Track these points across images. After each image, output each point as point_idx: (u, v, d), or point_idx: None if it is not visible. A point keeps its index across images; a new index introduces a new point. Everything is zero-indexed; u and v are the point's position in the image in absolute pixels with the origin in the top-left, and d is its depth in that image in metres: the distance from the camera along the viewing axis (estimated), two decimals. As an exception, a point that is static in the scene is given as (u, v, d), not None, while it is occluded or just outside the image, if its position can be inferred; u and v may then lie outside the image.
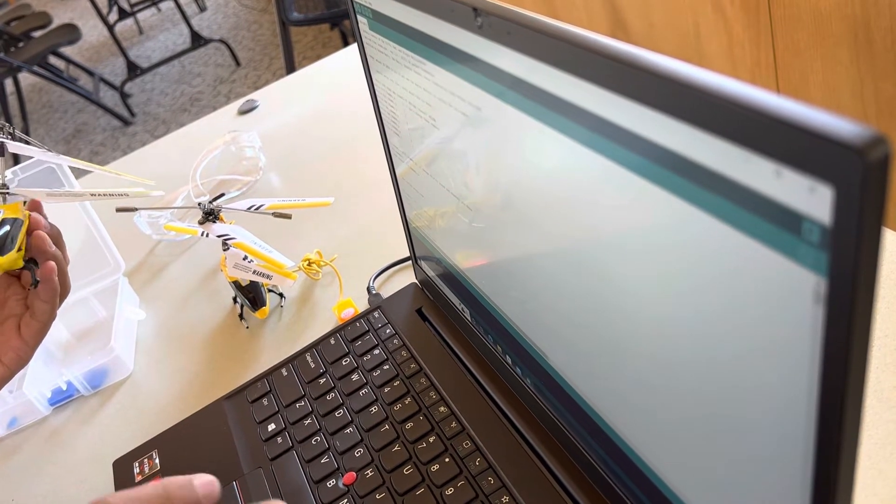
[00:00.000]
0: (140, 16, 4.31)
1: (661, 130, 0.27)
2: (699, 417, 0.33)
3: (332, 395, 0.61)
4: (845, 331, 0.23)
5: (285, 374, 0.64)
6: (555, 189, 0.37)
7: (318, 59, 1.25)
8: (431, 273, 0.64)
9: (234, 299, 0.77)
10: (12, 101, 3.70)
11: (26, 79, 4.06)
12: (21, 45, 3.33)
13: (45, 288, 0.54)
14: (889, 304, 0.53)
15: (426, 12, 0.43)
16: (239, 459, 0.59)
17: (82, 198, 0.57)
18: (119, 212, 0.69)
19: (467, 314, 0.59)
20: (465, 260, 0.54)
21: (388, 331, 0.64)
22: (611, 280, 0.35)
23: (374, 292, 0.71)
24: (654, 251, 0.31)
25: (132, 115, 3.48)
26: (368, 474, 0.53)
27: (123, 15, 3.88)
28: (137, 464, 0.62)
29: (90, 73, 3.74)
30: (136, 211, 0.87)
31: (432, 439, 0.54)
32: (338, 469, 0.55)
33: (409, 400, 0.57)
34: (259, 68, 3.44)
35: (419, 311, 0.66)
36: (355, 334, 0.65)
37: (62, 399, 0.72)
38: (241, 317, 0.75)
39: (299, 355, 0.66)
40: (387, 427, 0.56)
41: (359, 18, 0.53)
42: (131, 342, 0.76)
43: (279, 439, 0.59)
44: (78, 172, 0.90)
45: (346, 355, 0.64)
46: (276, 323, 0.73)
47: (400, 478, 0.52)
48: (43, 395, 0.71)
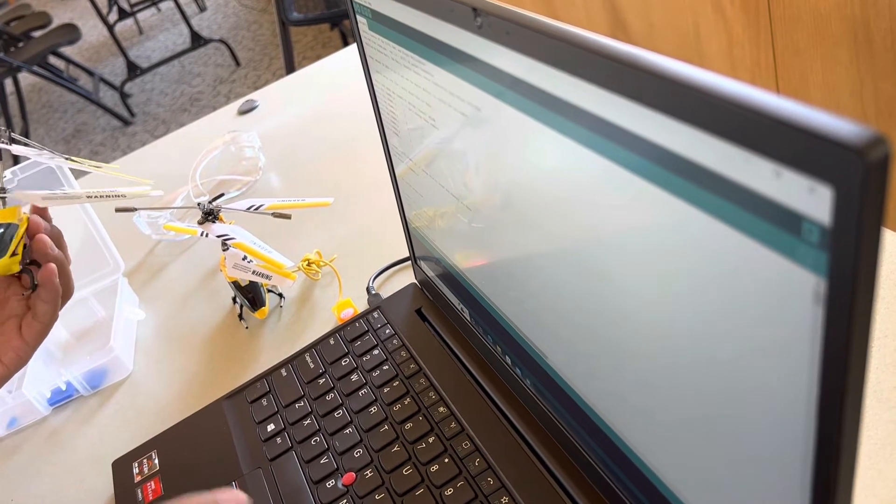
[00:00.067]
0: (140, 16, 4.31)
1: (660, 131, 0.27)
2: (698, 418, 0.33)
3: (331, 395, 0.61)
4: (845, 331, 0.23)
5: (285, 374, 0.64)
6: (554, 189, 0.37)
7: (318, 59, 1.25)
8: (431, 273, 0.64)
9: (234, 299, 0.77)
10: (12, 101, 3.70)
11: (26, 79, 4.06)
12: (21, 45, 3.33)
13: (47, 289, 0.54)
14: (889, 305, 0.53)
15: (426, 12, 0.43)
16: (238, 460, 0.58)
17: (79, 200, 0.57)
18: (118, 212, 0.69)
19: (467, 314, 0.59)
20: (464, 260, 0.54)
21: (387, 331, 0.64)
22: (610, 280, 0.35)
23: (374, 292, 0.71)
24: (653, 252, 0.31)
25: (132, 115, 3.48)
26: (368, 475, 0.53)
27: (123, 15, 3.88)
28: (137, 464, 0.62)
29: (90, 73, 3.74)
30: (136, 211, 0.87)
31: (432, 440, 0.54)
32: (337, 469, 0.55)
33: (408, 400, 0.57)
34: (259, 68, 3.44)
35: (419, 312, 0.66)
36: (355, 334, 0.65)
37: (61, 399, 0.72)
38: (240, 317, 0.75)
39: (299, 355, 0.66)
40: (386, 427, 0.56)
41: (358, 18, 0.53)
42: (131, 342, 0.76)
43: (278, 440, 0.59)
44: (78, 172, 0.90)
45: (345, 355, 0.64)
46: (275, 323, 0.73)
47: (399, 478, 0.52)
48: (42, 395, 0.71)
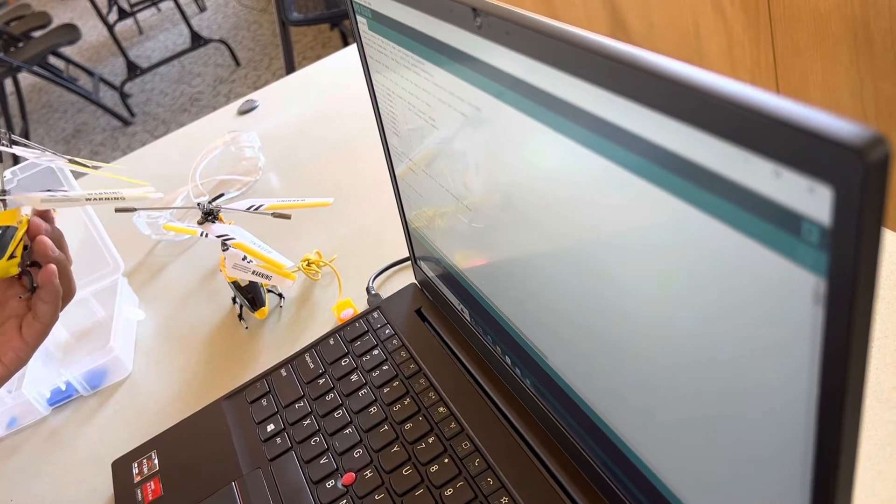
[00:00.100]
0: (140, 16, 4.31)
1: (660, 131, 0.27)
2: (698, 418, 0.33)
3: (331, 395, 0.61)
4: (845, 332, 0.23)
5: (284, 374, 0.64)
6: (554, 189, 0.37)
7: (318, 59, 1.25)
8: (431, 273, 0.64)
9: (234, 300, 0.77)
10: (12, 101, 3.70)
11: (26, 79, 4.06)
12: (21, 45, 3.33)
13: (47, 290, 0.54)
14: (889, 305, 0.53)
15: (425, 12, 0.43)
16: (238, 460, 0.58)
17: (79, 203, 0.57)
18: (118, 212, 0.69)
19: (466, 314, 0.59)
20: (464, 260, 0.54)
21: (387, 331, 0.64)
22: (610, 280, 0.35)
23: (374, 293, 0.71)
24: (653, 252, 0.31)
25: (132, 115, 3.48)
26: (367, 475, 0.53)
27: (123, 15, 3.88)
28: (136, 464, 0.62)
29: (90, 73, 3.74)
30: (136, 211, 0.87)
31: (431, 440, 0.54)
32: (337, 470, 0.55)
33: (408, 400, 0.57)
34: (259, 68, 3.44)
35: (418, 312, 0.66)
36: (354, 335, 0.65)
37: (61, 399, 0.72)
38: (240, 317, 0.75)
39: (298, 356, 0.66)
40: (386, 427, 0.56)
41: (358, 18, 0.53)
42: (130, 342, 0.76)
43: (278, 440, 0.59)
44: (78, 173, 0.90)
45: (345, 356, 0.64)
46: (275, 323, 0.73)
47: (399, 478, 0.52)
48: (42, 395, 0.71)
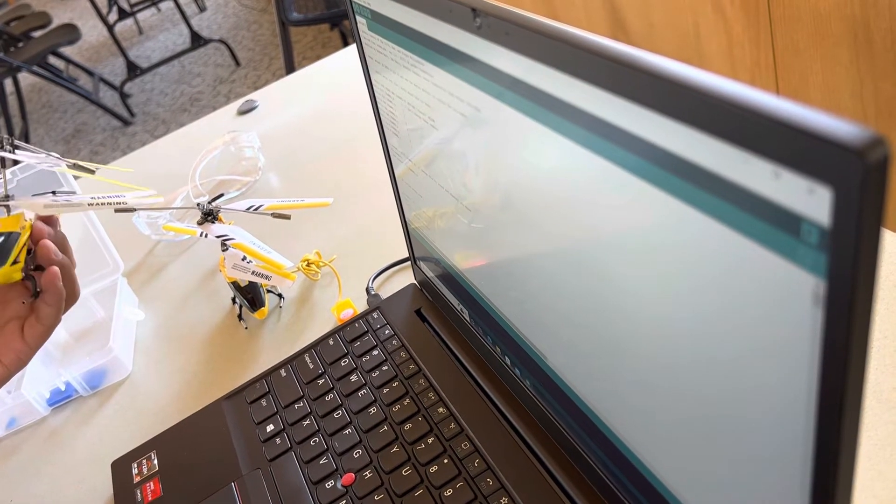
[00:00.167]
0: (140, 16, 4.31)
1: (659, 131, 0.27)
2: (698, 418, 0.33)
3: (330, 395, 0.61)
4: (844, 332, 0.23)
5: (284, 374, 0.64)
6: (553, 190, 0.37)
7: (318, 60, 1.25)
8: (430, 274, 0.64)
9: (233, 300, 0.77)
10: (12, 101, 3.70)
11: (26, 79, 4.06)
12: (21, 45, 3.33)
13: (49, 292, 0.54)
14: (888, 306, 0.53)
15: (425, 13, 0.43)
16: (237, 460, 0.58)
17: (81, 207, 0.57)
18: (118, 212, 0.69)
19: (466, 315, 0.59)
20: (463, 260, 0.54)
21: (386, 332, 0.64)
22: (609, 281, 0.35)
23: (373, 293, 0.71)
24: (652, 252, 0.31)
25: (132, 115, 3.48)
26: (367, 475, 0.53)
27: (123, 15, 3.88)
28: (136, 464, 0.62)
29: (90, 73, 3.74)
30: (135, 211, 0.87)
31: (431, 440, 0.54)
32: (336, 470, 0.55)
33: (407, 401, 0.57)
34: (259, 68, 3.44)
35: (418, 312, 0.66)
36: (354, 335, 0.65)
37: (61, 399, 0.72)
38: (239, 317, 0.75)
39: (298, 356, 0.66)
40: (385, 428, 0.56)
41: (358, 19, 0.53)
42: (130, 343, 0.76)
43: (278, 440, 0.59)
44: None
45: (344, 356, 0.64)
46: (274, 323, 0.73)
47: (398, 479, 0.52)
48: (41, 395, 0.71)
